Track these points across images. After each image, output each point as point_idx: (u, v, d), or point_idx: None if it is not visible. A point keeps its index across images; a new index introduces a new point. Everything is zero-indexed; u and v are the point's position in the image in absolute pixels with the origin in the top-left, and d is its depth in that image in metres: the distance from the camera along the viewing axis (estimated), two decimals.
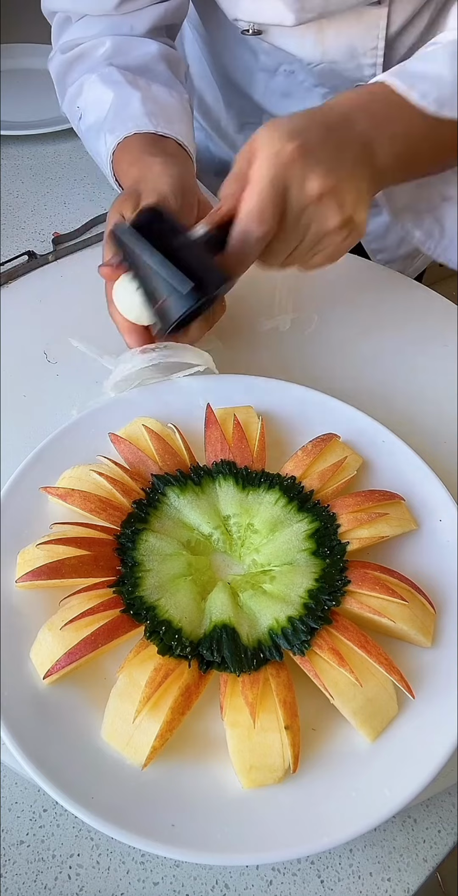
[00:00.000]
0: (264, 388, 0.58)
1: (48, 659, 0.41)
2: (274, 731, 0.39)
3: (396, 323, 0.72)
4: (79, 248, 0.77)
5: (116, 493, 0.49)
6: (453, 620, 0.45)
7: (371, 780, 0.39)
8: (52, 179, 0.89)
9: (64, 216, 0.83)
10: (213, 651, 0.41)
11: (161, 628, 0.42)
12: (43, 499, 0.49)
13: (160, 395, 0.57)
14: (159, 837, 0.36)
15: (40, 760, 0.38)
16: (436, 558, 0.48)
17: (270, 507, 0.50)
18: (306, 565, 0.46)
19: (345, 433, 0.55)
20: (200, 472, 0.52)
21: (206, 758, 0.40)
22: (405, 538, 0.50)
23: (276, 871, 0.41)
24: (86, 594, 0.43)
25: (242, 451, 0.52)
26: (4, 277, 0.72)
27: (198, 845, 0.36)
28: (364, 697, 0.40)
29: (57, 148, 0.94)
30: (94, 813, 0.37)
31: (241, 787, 0.38)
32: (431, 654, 0.44)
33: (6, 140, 0.94)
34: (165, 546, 0.47)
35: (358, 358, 0.67)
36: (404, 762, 0.39)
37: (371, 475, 0.54)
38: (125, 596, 0.43)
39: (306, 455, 0.52)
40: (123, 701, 0.40)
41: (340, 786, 0.39)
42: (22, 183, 0.88)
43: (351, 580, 0.45)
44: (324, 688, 0.40)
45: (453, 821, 0.44)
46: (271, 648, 0.42)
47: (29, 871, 0.41)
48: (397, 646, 0.44)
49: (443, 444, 0.60)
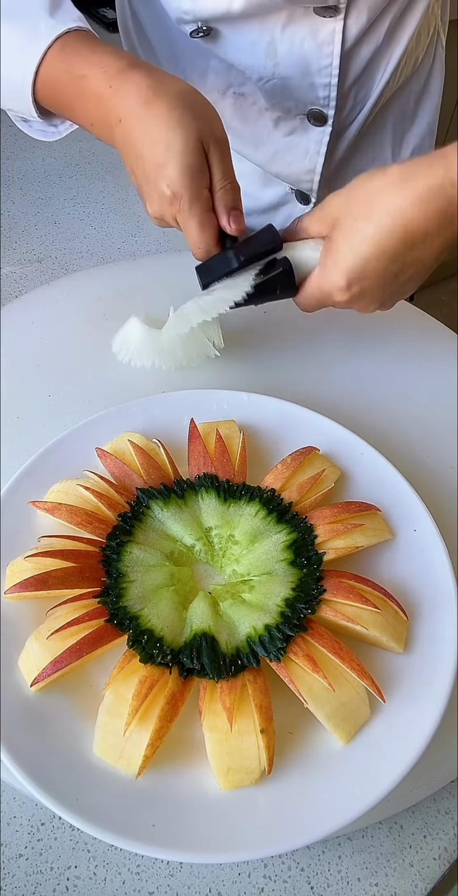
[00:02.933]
0: (246, 403, 0.60)
1: (35, 667, 0.43)
2: (251, 735, 0.40)
3: (378, 338, 0.74)
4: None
5: (101, 507, 0.50)
6: (425, 627, 0.47)
7: (345, 781, 0.41)
8: (43, 199, 0.91)
9: (54, 236, 0.85)
10: (193, 659, 0.43)
11: (143, 637, 0.44)
12: (31, 512, 0.51)
13: (146, 409, 0.59)
14: (140, 837, 0.38)
15: (28, 764, 0.40)
16: (410, 567, 0.50)
17: (250, 518, 0.52)
18: (283, 575, 0.48)
19: (324, 446, 0.57)
20: (184, 486, 0.53)
21: (186, 761, 0.42)
22: (382, 547, 0.51)
23: (267, 879, 0.43)
24: (72, 604, 0.45)
25: (224, 465, 0.54)
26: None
27: (177, 844, 0.38)
28: (338, 702, 0.42)
29: (46, 167, 0.96)
30: (78, 814, 0.38)
31: (219, 788, 0.40)
32: (403, 660, 0.45)
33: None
34: (148, 557, 0.49)
35: (341, 373, 0.69)
36: (376, 763, 0.41)
37: (350, 487, 0.56)
38: (110, 606, 0.45)
39: (285, 468, 0.54)
40: (111, 716, 0.41)
41: (314, 786, 0.41)
42: (12, 203, 0.90)
43: (327, 589, 0.46)
44: (299, 693, 0.42)
45: (438, 826, 0.45)
46: (248, 655, 0.44)
47: (28, 884, 0.42)
48: (371, 652, 0.46)
49: (425, 457, 0.62)
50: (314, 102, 0.78)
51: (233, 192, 0.59)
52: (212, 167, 0.58)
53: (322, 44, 0.73)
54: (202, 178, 0.57)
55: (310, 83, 0.75)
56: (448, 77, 0.92)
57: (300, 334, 0.72)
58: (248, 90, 0.79)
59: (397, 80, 0.83)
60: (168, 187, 0.56)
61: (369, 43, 0.75)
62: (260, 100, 0.79)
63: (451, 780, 0.47)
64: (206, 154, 0.57)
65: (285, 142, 0.82)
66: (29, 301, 0.75)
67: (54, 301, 0.74)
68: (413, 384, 0.69)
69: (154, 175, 0.57)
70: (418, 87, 0.88)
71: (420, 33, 0.81)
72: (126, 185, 0.93)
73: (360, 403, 0.66)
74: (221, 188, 0.58)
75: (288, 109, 0.79)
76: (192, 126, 0.56)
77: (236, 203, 0.59)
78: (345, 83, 0.78)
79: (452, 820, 0.46)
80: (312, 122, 0.80)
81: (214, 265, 0.60)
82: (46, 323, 0.72)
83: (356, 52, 0.75)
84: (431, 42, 0.86)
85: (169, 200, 0.57)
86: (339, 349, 0.70)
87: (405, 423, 0.65)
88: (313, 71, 0.74)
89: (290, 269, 0.59)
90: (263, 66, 0.74)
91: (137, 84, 0.56)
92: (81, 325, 0.70)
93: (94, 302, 0.71)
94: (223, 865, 0.43)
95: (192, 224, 0.58)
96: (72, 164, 0.97)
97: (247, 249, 0.59)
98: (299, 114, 0.79)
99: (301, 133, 0.81)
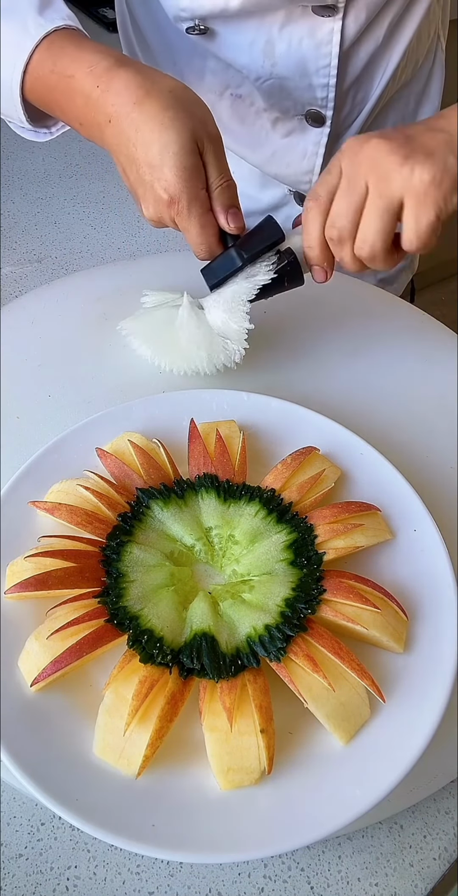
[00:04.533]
0: (246, 403, 0.60)
1: (35, 667, 0.43)
2: (250, 735, 0.40)
3: (378, 338, 0.74)
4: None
5: (101, 507, 0.50)
6: (425, 627, 0.47)
7: (345, 781, 0.41)
8: (43, 199, 0.91)
9: (54, 236, 0.85)
10: (193, 659, 0.43)
11: (143, 637, 0.43)
12: (31, 513, 0.51)
13: (146, 409, 0.59)
14: (140, 837, 0.38)
15: (28, 764, 0.40)
16: (410, 567, 0.50)
17: (250, 518, 0.52)
18: (283, 575, 0.48)
19: (325, 446, 0.57)
20: (184, 486, 0.53)
21: (186, 761, 0.42)
22: (382, 547, 0.51)
23: (267, 879, 0.43)
24: (72, 604, 0.45)
25: (224, 465, 0.54)
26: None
27: (177, 844, 0.38)
28: (337, 702, 0.42)
29: (46, 167, 0.97)
30: (78, 814, 0.38)
31: (219, 788, 0.40)
32: (403, 660, 0.45)
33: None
34: (148, 557, 0.49)
35: (341, 373, 0.69)
36: (376, 763, 0.41)
37: (350, 486, 0.56)
38: (110, 606, 0.45)
39: (285, 468, 0.54)
40: (111, 717, 0.41)
41: (314, 786, 0.41)
42: (12, 203, 0.90)
43: (327, 589, 0.46)
44: (298, 693, 0.42)
45: (438, 826, 0.45)
46: (248, 655, 0.43)
47: (28, 884, 0.42)
48: (371, 651, 0.46)
49: (425, 457, 0.62)
50: (312, 103, 0.77)
51: (229, 189, 0.59)
52: (207, 166, 0.57)
53: (320, 44, 0.72)
54: (199, 178, 0.57)
55: (308, 83, 0.75)
56: (448, 78, 0.91)
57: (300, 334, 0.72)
58: (245, 91, 0.79)
59: (397, 82, 0.82)
60: (165, 190, 0.56)
61: (369, 43, 0.75)
62: (258, 100, 0.79)
63: (451, 780, 0.46)
64: (200, 153, 0.57)
65: (283, 143, 0.82)
66: (29, 301, 0.75)
67: (54, 301, 0.74)
68: (413, 384, 0.69)
69: (149, 177, 0.56)
70: (418, 89, 0.88)
71: (422, 34, 0.81)
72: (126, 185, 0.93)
73: (360, 403, 0.66)
74: (218, 187, 0.58)
75: (286, 110, 0.79)
76: (186, 125, 0.55)
77: (234, 201, 0.59)
78: (343, 84, 0.77)
79: (452, 820, 0.46)
80: (310, 123, 0.80)
81: (219, 265, 0.60)
82: (46, 323, 0.72)
83: (355, 53, 0.75)
84: (431, 44, 0.86)
85: (166, 203, 0.57)
86: (339, 349, 0.70)
87: (405, 423, 0.65)
88: (311, 71, 0.74)
89: (295, 260, 0.59)
90: (260, 65, 0.74)
91: (126, 83, 0.56)
92: (81, 325, 0.70)
93: (94, 302, 0.71)
94: (223, 865, 0.43)
95: (192, 226, 0.58)
96: (72, 164, 0.97)
97: (249, 246, 0.59)
98: (297, 114, 0.79)
99: (299, 134, 0.81)
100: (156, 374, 0.66)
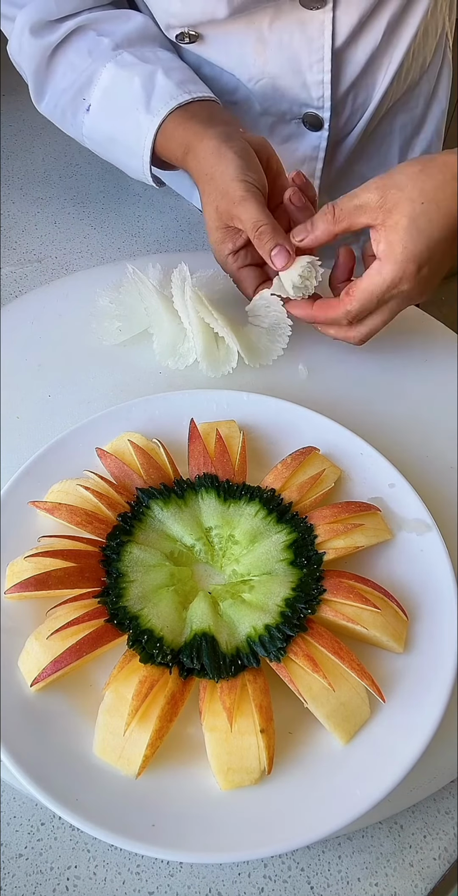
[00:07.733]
0: (246, 403, 0.60)
1: (35, 667, 0.43)
2: (250, 735, 0.40)
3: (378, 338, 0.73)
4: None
5: (101, 507, 0.50)
6: (425, 627, 0.47)
7: (345, 781, 0.41)
8: (43, 199, 0.91)
9: (54, 236, 0.85)
10: (193, 658, 0.43)
11: (143, 637, 0.44)
12: (32, 512, 0.51)
13: (146, 409, 0.59)
14: (140, 837, 0.38)
15: (28, 764, 0.40)
16: (410, 567, 0.50)
17: (250, 518, 0.52)
18: (283, 575, 0.48)
19: (325, 446, 0.57)
20: (184, 486, 0.53)
21: (186, 761, 0.42)
22: (382, 547, 0.51)
23: (267, 879, 0.43)
24: (72, 604, 0.45)
25: (223, 465, 0.54)
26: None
27: (177, 844, 0.38)
28: (337, 702, 0.42)
29: (46, 167, 0.97)
30: (78, 814, 0.38)
31: (219, 788, 0.40)
32: (403, 660, 0.45)
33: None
34: (148, 557, 0.49)
35: (341, 373, 0.69)
36: (376, 763, 0.41)
37: (350, 486, 0.56)
38: (110, 606, 0.45)
39: (285, 468, 0.54)
40: (111, 716, 0.41)
41: (314, 786, 0.41)
42: (12, 203, 0.90)
43: (326, 589, 0.46)
44: (298, 693, 0.42)
45: (438, 826, 0.45)
46: (248, 655, 0.44)
47: (28, 884, 0.42)
48: (371, 652, 0.46)
49: (425, 457, 0.62)
50: (308, 104, 0.77)
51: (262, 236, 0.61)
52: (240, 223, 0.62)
53: (312, 38, 0.72)
54: (224, 245, 0.65)
55: (302, 81, 0.74)
56: (453, 78, 0.89)
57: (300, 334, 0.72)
58: (241, 97, 0.78)
59: (402, 83, 0.81)
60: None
61: (366, 41, 0.74)
62: (254, 105, 0.78)
63: (451, 780, 0.47)
64: (230, 219, 0.63)
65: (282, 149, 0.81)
66: (29, 301, 0.75)
67: (54, 301, 0.74)
68: (413, 384, 0.69)
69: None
70: (427, 90, 0.86)
71: (427, 31, 0.79)
72: (126, 185, 0.93)
73: (360, 403, 0.66)
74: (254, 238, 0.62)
75: (282, 114, 0.78)
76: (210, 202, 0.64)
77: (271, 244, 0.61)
78: (341, 85, 0.77)
79: (452, 820, 0.46)
80: (308, 127, 0.79)
81: None
82: (46, 323, 0.72)
83: (352, 52, 0.74)
84: (439, 42, 0.84)
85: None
86: (339, 349, 0.70)
87: (405, 423, 0.65)
88: (304, 67, 0.73)
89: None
90: (252, 63, 0.74)
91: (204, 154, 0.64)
92: (81, 325, 0.70)
93: (94, 302, 0.71)
94: (223, 865, 0.43)
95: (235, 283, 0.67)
96: (72, 164, 0.97)
97: None
98: (293, 118, 0.79)
99: (298, 139, 0.80)
100: (156, 374, 0.66)
